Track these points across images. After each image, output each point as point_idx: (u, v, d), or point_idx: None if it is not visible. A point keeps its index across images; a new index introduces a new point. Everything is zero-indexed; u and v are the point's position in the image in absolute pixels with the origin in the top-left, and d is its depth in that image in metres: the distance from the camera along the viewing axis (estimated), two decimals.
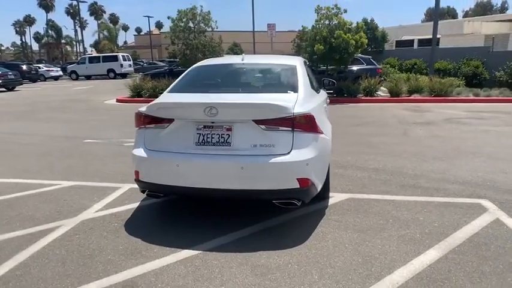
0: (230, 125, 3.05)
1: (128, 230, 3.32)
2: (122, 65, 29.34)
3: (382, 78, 14.57)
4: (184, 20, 13.88)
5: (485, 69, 15.20)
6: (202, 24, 14.18)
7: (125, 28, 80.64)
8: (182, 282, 2.53)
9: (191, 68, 4.19)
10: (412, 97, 12.70)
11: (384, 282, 2.49)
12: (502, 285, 2.44)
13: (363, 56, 14.77)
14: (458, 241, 3.02)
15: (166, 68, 18.82)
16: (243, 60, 4.12)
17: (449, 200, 3.87)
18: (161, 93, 15.59)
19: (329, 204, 3.81)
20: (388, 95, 13.19)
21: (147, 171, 3.26)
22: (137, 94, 14.64)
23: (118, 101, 14.46)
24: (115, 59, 29.80)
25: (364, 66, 14.36)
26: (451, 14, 53.04)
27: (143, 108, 3.39)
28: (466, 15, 51.70)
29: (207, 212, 3.69)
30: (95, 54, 52.83)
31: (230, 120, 3.05)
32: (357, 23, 13.21)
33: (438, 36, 32.88)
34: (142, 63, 42.71)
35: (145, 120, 3.30)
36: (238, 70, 4.06)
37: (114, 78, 29.26)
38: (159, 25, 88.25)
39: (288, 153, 3.00)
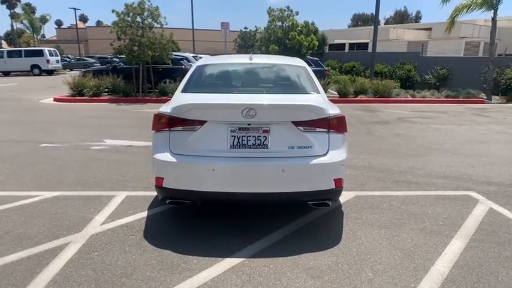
0: (267, 126, 2.98)
1: (152, 242, 3.05)
2: (48, 61, 26.49)
3: (329, 80, 15.37)
4: (131, 14, 13.04)
5: (416, 72, 16.92)
6: (150, 20, 13.46)
7: (43, 20, 72.98)
8: None
9: (196, 66, 3.97)
10: (358, 98, 13.62)
11: (432, 273, 2.66)
12: None
13: (311, 57, 15.41)
14: (471, 230, 3.34)
15: (108, 65, 17.47)
16: (251, 60, 4.04)
17: (443, 193, 4.25)
18: (107, 92, 14.51)
19: (341, 202, 3.93)
20: (337, 95, 13.96)
21: (175, 177, 3.02)
22: (78, 93, 13.44)
23: (56, 100, 13.10)
24: (40, 53, 26.79)
25: (313, 68, 14.91)
26: (374, 20, 57.82)
27: (165, 109, 3.13)
28: (387, 22, 56.94)
29: (221, 217, 3.54)
30: (7, 48, 46.89)
31: (268, 121, 2.97)
32: (308, 25, 13.75)
33: (367, 41, 35.69)
34: (69, 59, 39.14)
35: (170, 123, 3.05)
36: (253, 70, 3.96)
37: (39, 75, 26.34)
38: (83, 18, 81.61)
39: (325, 154, 3.03)
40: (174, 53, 15.02)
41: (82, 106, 11.79)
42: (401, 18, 56.67)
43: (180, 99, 3.19)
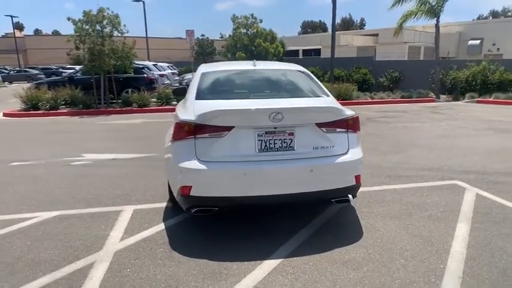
0: (292, 129, 3.08)
1: (183, 253, 2.99)
2: None
3: None
4: (90, 22, 12.46)
5: (371, 75, 18.00)
6: (110, 28, 12.97)
7: None
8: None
9: (202, 73, 3.95)
10: None
11: (453, 254, 2.92)
12: None
13: None
14: (469, 214, 3.70)
15: (65, 76, 16.39)
16: (255, 66, 4.13)
17: (433, 184, 4.63)
18: (64, 104, 13.75)
19: None
20: None
21: (205, 184, 3.00)
22: (32, 106, 12.54)
23: (7, 115, 12.11)
24: None
25: None
26: (322, 27, 60.81)
27: (188, 116, 3.11)
28: (335, 28, 59.71)
29: (240, 222, 3.56)
30: None
31: (292, 124, 3.07)
32: (272, 32, 14.11)
33: (319, 47, 37.14)
34: (7, 71, 36.18)
35: (196, 130, 3.03)
36: (261, 76, 4.04)
37: None
38: (19, 26, 75.91)
39: (346, 152, 3.20)
40: (135, 62, 14.56)
41: (39, 121, 11.02)
42: (347, 25, 59.96)
43: (201, 107, 3.17)
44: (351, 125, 3.26)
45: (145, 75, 14.99)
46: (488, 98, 13.72)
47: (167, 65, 22.15)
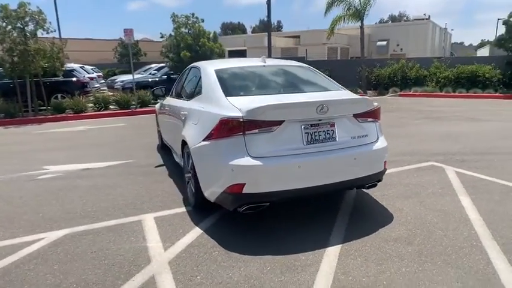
0: (333, 120, 3.22)
1: (242, 252, 2.92)
2: None
3: None
4: (9, 19, 10.83)
5: None
6: (33, 25, 11.47)
7: None
8: (375, 268, 2.63)
9: (215, 71, 3.85)
10: None
11: (475, 221, 3.38)
12: None
13: None
14: (462, 188, 4.27)
15: None
16: (265, 62, 4.17)
17: (417, 166, 5.20)
18: None
19: None
20: None
21: (259, 180, 2.97)
22: None
23: None
24: None
25: None
26: (241, 29, 61.95)
27: (233, 113, 3.03)
28: (254, 31, 61.43)
29: (274, 216, 3.59)
30: None
31: (334, 116, 3.21)
32: (214, 32, 14.01)
33: (244, 48, 37.77)
34: None
35: (245, 126, 2.97)
36: (280, 71, 4.12)
37: None
38: None
39: (377, 140, 3.46)
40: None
41: None
42: (265, 27, 61.88)
43: (244, 103, 3.12)
44: (377, 114, 3.53)
45: (75, 78, 13.65)
46: (408, 91, 15.63)
47: (90, 67, 20.45)
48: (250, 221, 3.48)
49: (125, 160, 5.97)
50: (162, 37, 13.58)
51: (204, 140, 3.28)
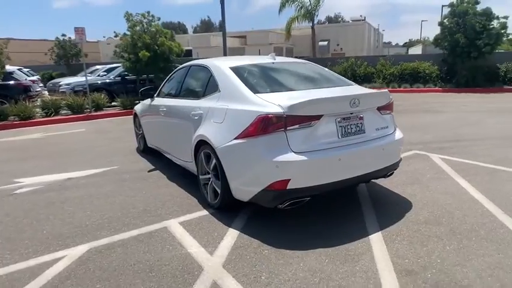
0: (361, 114, 3.34)
1: (291, 248, 2.91)
2: None
3: None
4: None
5: None
6: None
7: None
8: (423, 249, 2.79)
9: (231, 68, 3.77)
10: None
11: (482, 201, 3.73)
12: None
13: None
14: (453, 172, 4.69)
15: None
16: (275, 59, 4.19)
17: (404, 155, 5.55)
18: None
19: None
20: None
21: (304, 175, 2.98)
22: None
23: None
24: None
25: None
26: (182, 29, 60.50)
27: (273, 109, 3.00)
28: (196, 30, 60.50)
29: (301, 212, 3.62)
30: None
31: (362, 109, 3.33)
32: (171, 31, 13.54)
33: (190, 48, 37.09)
34: None
35: (287, 122, 2.96)
36: (293, 68, 4.15)
37: None
38: None
39: (395, 131, 3.66)
40: None
41: None
42: (207, 27, 61.47)
43: (282, 99, 3.12)
44: (392, 107, 3.73)
45: (16, 81, 12.31)
46: None
47: (26, 69, 18.58)
48: (279, 219, 3.47)
49: (107, 167, 5.55)
50: (116, 36, 12.78)
51: (236, 139, 3.20)
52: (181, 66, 5.13)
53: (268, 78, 3.86)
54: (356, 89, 3.78)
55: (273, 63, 4.16)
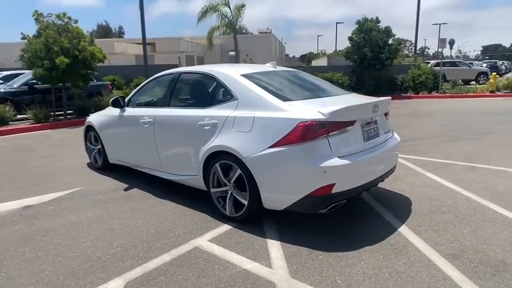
0: (376, 118, 3.63)
1: (342, 250, 3.00)
2: None
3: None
4: None
5: None
6: None
7: None
8: (454, 233, 3.17)
9: (243, 76, 3.68)
10: None
11: (459, 190, 4.38)
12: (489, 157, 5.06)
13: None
14: (419, 168, 5.37)
15: None
16: (275, 68, 4.24)
17: None
18: None
19: None
20: None
21: (346, 178, 3.10)
22: None
23: None
24: None
25: (95, 83, 13.53)
26: None
27: (317, 116, 3.05)
28: (91, 35, 55.27)
29: (322, 215, 3.76)
30: None
31: (377, 115, 3.62)
32: (90, 35, 12.28)
33: None
34: None
35: (329, 128, 3.05)
36: (296, 76, 4.26)
37: None
38: None
39: (393, 134, 4.05)
40: None
41: None
42: (104, 32, 56.90)
43: (323, 105, 3.22)
44: (388, 112, 4.13)
45: None
46: None
47: None
48: (306, 224, 3.52)
49: (68, 189, 4.80)
50: (23, 38, 10.97)
51: (272, 147, 3.15)
52: (162, 73, 4.76)
53: (285, 86, 3.90)
54: (366, 97, 4.11)
55: (275, 71, 4.21)
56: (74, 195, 4.61)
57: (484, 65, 31.39)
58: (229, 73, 3.86)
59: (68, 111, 11.94)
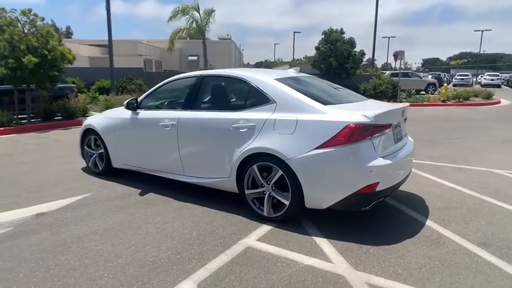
0: (400, 122, 3.94)
1: (387, 243, 3.22)
2: None
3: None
4: None
5: (146, 86, 18.17)
6: None
7: None
8: (478, 224, 3.54)
9: (279, 80, 3.83)
10: None
11: (460, 187, 4.85)
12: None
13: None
14: (417, 170, 5.84)
15: None
16: (298, 73, 4.42)
17: None
18: None
19: None
20: None
21: (388, 177, 3.36)
22: None
23: None
24: None
25: (61, 85, 12.71)
26: None
27: (363, 119, 3.26)
28: None
29: (351, 217, 3.98)
30: None
31: (402, 119, 3.94)
32: (58, 34, 11.54)
33: None
34: None
35: (373, 130, 3.28)
36: (323, 82, 4.39)
37: None
38: None
39: (408, 138, 4.40)
40: None
41: None
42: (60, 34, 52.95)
43: (366, 108, 3.48)
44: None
45: None
46: None
47: None
48: (342, 221, 3.72)
49: (77, 196, 4.55)
50: None
51: (318, 148, 3.31)
52: (179, 77, 4.71)
53: (318, 91, 4.08)
54: (387, 103, 4.43)
55: (301, 77, 4.40)
56: (86, 201, 4.38)
57: (430, 76, 34.34)
58: (261, 78, 3.96)
59: (30, 115, 11.10)
